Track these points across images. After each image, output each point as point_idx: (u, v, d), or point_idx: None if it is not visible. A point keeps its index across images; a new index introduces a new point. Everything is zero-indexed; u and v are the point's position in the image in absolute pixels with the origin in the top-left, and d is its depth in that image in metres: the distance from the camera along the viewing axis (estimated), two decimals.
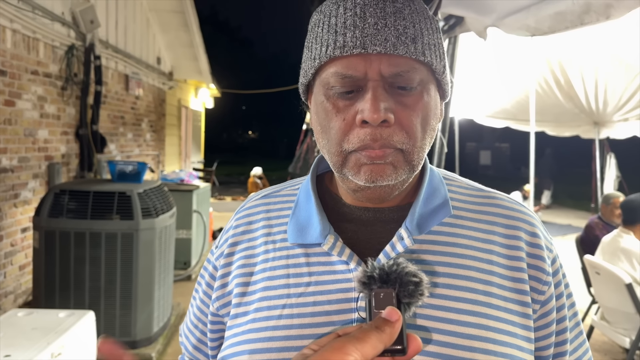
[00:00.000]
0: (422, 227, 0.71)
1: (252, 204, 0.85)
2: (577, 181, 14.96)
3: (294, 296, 0.71)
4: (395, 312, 0.53)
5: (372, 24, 0.63)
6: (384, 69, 0.64)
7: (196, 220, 6.07)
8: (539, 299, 0.71)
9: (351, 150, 0.66)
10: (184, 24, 8.19)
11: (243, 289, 0.76)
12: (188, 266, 5.92)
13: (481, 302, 0.67)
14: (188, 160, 11.15)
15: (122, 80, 6.63)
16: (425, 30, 0.66)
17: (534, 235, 0.74)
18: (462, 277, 0.69)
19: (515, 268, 0.71)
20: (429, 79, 0.68)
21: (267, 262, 0.75)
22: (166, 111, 8.95)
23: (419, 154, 0.67)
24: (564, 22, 1.53)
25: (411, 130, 0.65)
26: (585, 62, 5.29)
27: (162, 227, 3.73)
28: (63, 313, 2.64)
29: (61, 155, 4.96)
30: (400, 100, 0.65)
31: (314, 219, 0.74)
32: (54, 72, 4.77)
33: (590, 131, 7.71)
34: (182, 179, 6.67)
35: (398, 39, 0.63)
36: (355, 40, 0.63)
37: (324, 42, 0.66)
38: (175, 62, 9.09)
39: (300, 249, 0.74)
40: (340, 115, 0.66)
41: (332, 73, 0.66)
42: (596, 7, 1.40)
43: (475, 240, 0.72)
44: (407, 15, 0.65)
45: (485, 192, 0.79)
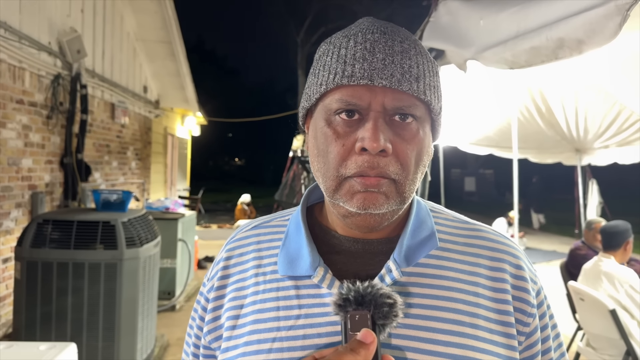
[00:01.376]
0: (410, 259, 0.72)
1: (242, 234, 0.85)
2: (561, 207, 15.14)
3: (283, 329, 0.71)
4: (370, 335, 0.54)
5: (380, 59, 0.67)
6: (388, 102, 0.67)
7: (181, 249, 6.00)
8: (524, 330, 0.72)
9: (347, 176, 0.68)
10: (171, 53, 8.25)
11: (233, 322, 0.75)
12: (172, 296, 5.83)
13: (468, 334, 0.68)
14: (174, 188, 11.09)
15: (108, 108, 6.63)
16: (428, 72, 0.70)
17: (518, 267, 0.76)
18: (449, 309, 0.70)
19: (501, 300, 0.72)
20: (426, 117, 0.72)
21: (257, 295, 0.76)
22: (152, 139, 8.94)
23: (410, 187, 0.70)
24: (539, 57, 1.58)
25: (406, 162, 0.68)
26: (566, 90, 5.42)
27: (146, 257, 3.69)
28: (44, 346, 2.58)
29: (45, 184, 4.92)
30: (398, 132, 0.68)
31: (304, 251, 0.75)
32: (39, 101, 4.77)
33: (572, 158, 7.83)
34: (168, 207, 6.62)
35: (403, 75, 0.67)
36: (364, 71, 0.66)
37: (332, 70, 0.69)
38: (162, 91, 9.13)
39: (291, 281, 0.74)
40: (340, 141, 0.69)
41: (337, 99, 0.69)
42: (569, 42, 1.45)
43: (461, 273, 0.73)
44: (413, 55, 0.69)
45: (470, 225, 0.80)
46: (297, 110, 3.63)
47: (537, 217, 14.69)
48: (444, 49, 2.18)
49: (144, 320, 3.73)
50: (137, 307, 3.59)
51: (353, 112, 0.68)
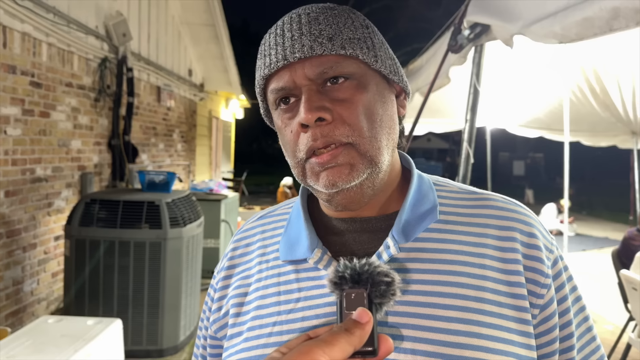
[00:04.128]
0: (409, 235, 0.69)
1: (249, 225, 0.86)
2: (614, 192, 14.52)
3: (284, 313, 0.70)
4: (365, 314, 0.52)
5: (289, 37, 0.67)
6: (308, 72, 0.66)
7: (224, 230, 6.11)
8: (537, 303, 0.67)
9: (304, 158, 0.67)
10: (215, 36, 8.32)
11: (238, 310, 0.76)
12: None
13: (472, 309, 0.64)
14: (218, 170, 11.27)
15: (154, 91, 6.76)
16: (345, 28, 0.68)
17: (531, 235, 0.70)
18: (452, 284, 0.66)
19: (511, 272, 0.67)
20: (363, 72, 0.68)
21: (260, 282, 0.76)
22: (197, 122, 9.09)
23: (373, 144, 0.66)
24: (591, 29, 1.48)
25: (353, 121, 0.65)
26: (622, 69, 5.14)
27: (189, 236, 3.77)
28: (91, 321, 2.68)
29: (94, 165, 5.08)
30: (335, 96, 0.66)
31: (303, 235, 0.74)
32: (87, 84, 4.90)
33: (628, 141, 7.48)
34: (211, 188, 6.73)
35: (314, 41, 0.66)
36: (278, 54, 0.67)
37: (258, 68, 0.71)
38: (206, 74, 9.24)
39: (291, 265, 0.74)
40: (288, 128, 0.69)
41: (271, 91, 0.70)
42: (625, 12, 1.34)
43: (466, 245, 0.69)
44: (323, 20, 0.68)
45: (477, 195, 0.76)
46: None
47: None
48: (490, 24, 2.08)
49: (188, 298, 3.82)
50: (180, 285, 3.68)
51: (288, 98, 0.69)
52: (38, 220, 4.12)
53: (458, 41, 2.28)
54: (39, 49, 4.06)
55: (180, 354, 3.68)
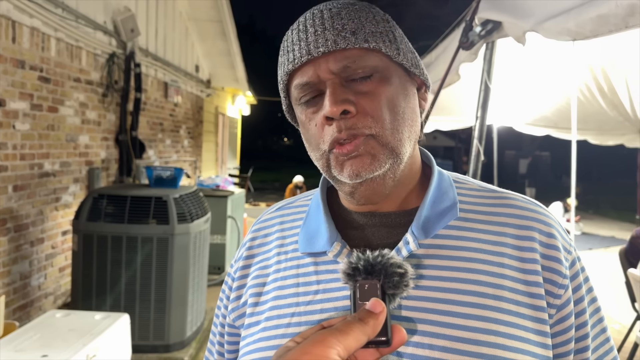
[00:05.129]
0: (429, 231, 0.69)
1: (267, 216, 0.86)
2: (621, 191, 14.45)
3: (302, 304, 0.71)
4: (379, 304, 0.53)
5: (312, 33, 0.68)
6: (332, 65, 0.67)
7: (230, 226, 6.12)
8: (555, 303, 0.67)
9: (328, 150, 0.68)
10: (222, 32, 8.32)
11: (256, 299, 0.77)
12: (222, 271, 5.97)
13: (491, 306, 0.64)
14: (224, 166, 11.29)
15: (161, 87, 6.77)
16: (367, 22, 0.69)
17: (549, 235, 0.71)
18: (470, 281, 0.66)
19: (529, 271, 0.68)
20: (386, 65, 0.69)
21: (278, 272, 0.77)
22: (204, 118, 9.10)
23: (395, 136, 0.67)
24: (607, 26, 1.46)
25: (376, 113, 0.66)
26: (630, 68, 5.10)
27: (196, 232, 3.78)
28: (99, 315, 2.69)
29: (101, 160, 5.10)
30: (359, 89, 0.67)
31: (322, 228, 0.75)
32: (95, 80, 4.92)
33: (636, 140, 7.42)
34: (218, 184, 6.75)
35: (338, 35, 0.67)
36: (302, 50, 0.68)
37: (281, 64, 0.72)
38: (213, 70, 9.25)
39: (310, 258, 0.75)
40: (312, 122, 0.70)
41: (294, 87, 0.71)
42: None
43: (485, 243, 0.69)
44: (345, 14, 0.69)
45: (497, 193, 0.76)
46: None
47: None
48: (501, 21, 2.07)
49: (195, 294, 3.83)
50: (187, 281, 3.69)
51: (314, 93, 0.69)
52: (46, 215, 4.14)
53: (469, 38, 2.27)
54: (47, 44, 4.07)
55: (187, 349, 3.69)
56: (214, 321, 0.88)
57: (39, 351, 2.23)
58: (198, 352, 3.91)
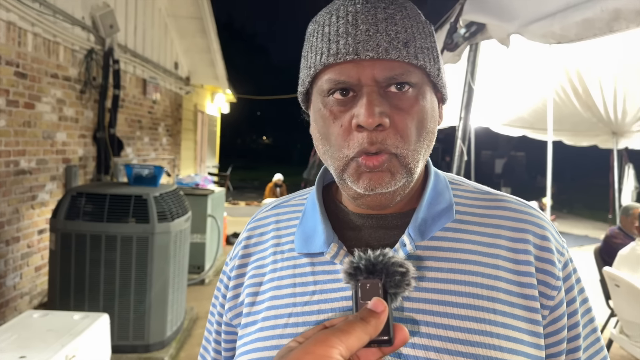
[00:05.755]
0: (425, 233, 0.70)
1: (263, 214, 0.86)
2: (594, 192, 14.78)
3: (299, 305, 0.71)
4: (381, 303, 0.53)
5: (363, 31, 0.64)
6: (377, 74, 0.65)
7: (210, 225, 6.08)
8: (547, 304, 0.69)
9: (352, 157, 0.66)
10: (202, 29, 8.25)
11: (252, 299, 0.77)
12: (202, 270, 5.93)
13: (485, 308, 0.66)
14: (203, 165, 11.20)
15: (140, 84, 6.69)
16: (418, 35, 0.67)
17: (543, 238, 0.72)
18: (466, 283, 0.67)
19: (523, 273, 0.69)
20: (423, 82, 0.68)
21: (275, 272, 0.76)
22: (182, 116, 9.01)
23: (414, 157, 0.67)
24: (591, 30, 1.49)
25: (405, 133, 0.66)
26: (604, 71, 5.22)
27: (177, 231, 3.75)
28: (78, 315, 2.65)
29: (78, 158, 5.01)
30: (395, 104, 0.66)
31: (319, 228, 0.74)
32: (73, 76, 4.83)
33: (609, 141, 7.60)
34: (197, 183, 6.69)
35: (390, 43, 0.64)
36: (348, 47, 0.64)
37: (318, 50, 0.67)
38: (193, 68, 9.16)
39: (306, 258, 0.74)
40: (338, 121, 0.67)
41: (327, 80, 0.67)
42: (626, 14, 1.36)
43: (480, 245, 0.70)
44: (399, 20, 0.66)
45: (492, 196, 0.77)
46: None
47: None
48: (485, 23, 2.10)
49: (175, 293, 3.80)
50: (167, 280, 3.65)
51: (347, 90, 0.66)
52: (22, 213, 4.06)
53: (454, 39, 2.30)
54: (24, 38, 3.98)
55: (167, 349, 3.66)
56: (209, 319, 0.88)
57: (17, 352, 2.19)
58: (178, 352, 3.87)
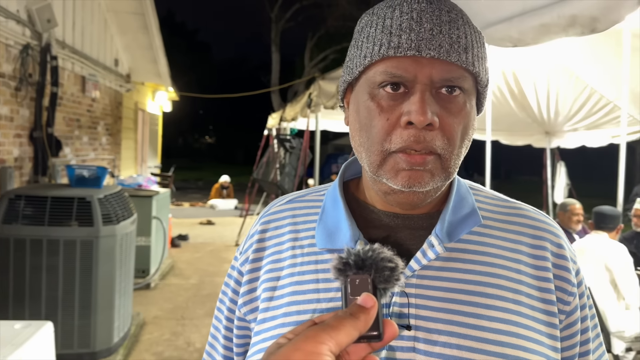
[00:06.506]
0: (452, 235, 0.71)
1: (277, 208, 0.84)
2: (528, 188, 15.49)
3: (324, 301, 0.71)
4: (370, 299, 0.53)
5: (427, 29, 0.65)
6: (435, 74, 0.65)
7: (156, 227, 5.93)
8: (564, 309, 0.73)
9: (392, 151, 0.66)
10: (144, 25, 8.00)
11: (270, 294, 0.75)
12: (147, 274, 5.77)
13: (512, 310, 0.68)
14: (144, 165, 10.87)
15: (79, 81, 6.42)
16: (475, 42, 0.68)
17: (559, 246, 0.76)
18: (493, 285, 0.70)
19: (542, 278, 0.72)
20: (472, 90, 0.70)
21: (294, 267, 0.75)
22: (123, 114, 8.72)
23: (455, 162, 0.68)
24: (548, 34, 1.57)
25: (452, 136, 0.66)
26: (538, 73, 5.50)
27: (123, 234, 3.63)
28: (19, 324, 2.52)
29: (14, 159, 4.75)
30: (445, 106, 0.66)
31: (343, 225, 0.74)
32: (7, 72, 4.57)
33: (542, 140, 8.00)
34: (140, 184, 6.50)
35: (452, 46, 0.65)
36: (410, 42, 0.64)
37: (377, 41, 0.67)
38: (133, 64, 8.88)
39: (330, 254, 0.74)
40: (384, 114, 0.67)
41: (382, 72, 0.66)
42: (582, 20, 1.44)
43: (503, 250, 0.73)
44: (461, 25, 0.67)
45: (511, 203, 0.80)
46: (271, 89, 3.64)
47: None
48: None
49: (121, 299, 3.68)
50: (114, 285, 3.54)
51: (398, 85, 0.66)
52: None
53: None
54: None
55: (114, 356, 3.54)
56: (216, 315, 0.85)
57: None
58: (126, 359, 3.76)
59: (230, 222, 10.81)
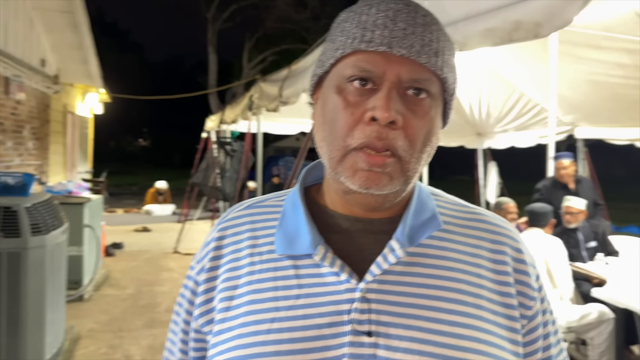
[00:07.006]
0: (413, 239, 0.71)
1: (235, 214, 0.81)
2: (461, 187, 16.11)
3: (282, 309, 0.69)
4: None
5: (401, 28, 0.65)
6: (404, 73, 0.65)
7: (88, 236, 5.66)
8: (526, 314, 0.73)
9: (353, 147, 0.66)
10: (73, 24, 7.62)
11: (227, 304, 0.73)
12: (79, 285, 5.49)
13: (472, 314, 0.68)
14: (74, 170, 10.37)
15: (2, 83, 6.03)
16: (447, 50, 0.69)
17: (519, 251, 0.76)
18: (453, 289, 0.69)
19: (503, 283, 0.73)
20: (439, 97, 0.70)
21: (252, 275, 0.73)
22: (50, 117, 8.28)
23: (415, 166, 0.68)
24: (492, 39, 1.61)
25: (414, 138, 0.66)
26: (471, 77, 5.71)
27: (53, 245, 3.44)
28: None
29: None
30: (411, 108, 0.66)
31: (303, 230, 0.72)
32: None
33: (474, 141, 8.32)
34: (71, 190, 6.20)
35: (423, 48, 0.66)
36: (383, 38, 0.65)
37: (350, 35, 0.67)
38: (62, 65, 8.45)
39: (289, 260, 0.72)
40: (349, 109, 0.67)
41: (352, 65, 0.67)
42: (526, 25, 1.49)
43: (464, 254, 0.73)
44: (434, 30, 0.68)
45: (470, 209, 0.80)
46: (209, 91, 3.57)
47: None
48: None
49: (53, 313, 3.48)
50: (44, 299, 3.34)
51: (366, 81, 0.66)
52: None
53: None
54: None
55: None
56: (171, 328, 0.82)
57: None
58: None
59: (167, 229, 10.49)
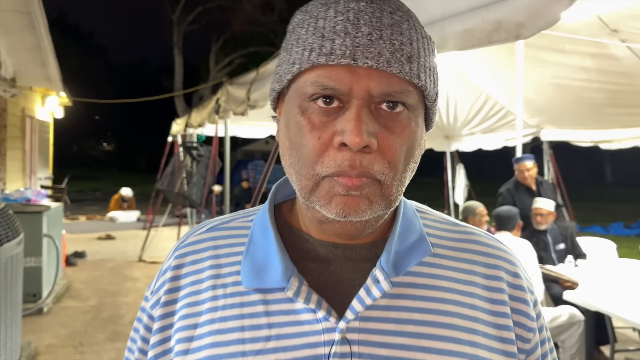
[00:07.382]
0: (399, 268, 0.62)
1: (195, 238, 0.70)
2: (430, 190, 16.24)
3: (250, 354, 0.59)
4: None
5: (365, 34, 0.55)
6: (373, 87, 0.56)
7: (47, 246, 5.42)
8: (524, 347, 0.65)
9: (325, 175, 0.57)
10: (30, 25, 7.33)
11: (186, 346, 0.62)
12: (38, 298, 5.25)
13: (467, 354, 0.60)
14: (34, 177, 10.01)
15: None
16: (422, 51, 0.59)
17: (515, 275, 0.68)
18: (446, 325, 0.61)
19: (499, 313, 0.64)
20: (419, 105, 0.61)
21: (215, 312, 0.62)
22: (8, 122, 7.97)
23: (398, 188, 0.59)
24: (470, 40, 1.53)
25: (393, 160, 0.57)
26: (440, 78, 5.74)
27: (7, 257, 3.25)
28: None
29: None
30: (386, 124, 0.57)
31: (274, 258, 0.62)
32: None
33: (442, 144, 8.40)
34: (29, 198, 5.96)
35: (393, 54, 0.55)
36: (345, 49, 0.55)
37: (307, 45, 0.57)
38: (19, 68, 8.13)
39: (258, 294, 0.62)
40: (316, 132, 0.57)
41: (312, 82, 0.57)
42: (507, 26, 1.42)
43: (456, 282, 0.64)
44: (405, 30, 0.58)
45: (461, 227, 0.72)
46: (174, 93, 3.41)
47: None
48: None
49: (8, 330, 3.29)
50: None
51: (332, 98, 0.57)
52: None
53: None
54: None
55: None
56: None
57: None
58: None
59: (132, 236, 10.22)
